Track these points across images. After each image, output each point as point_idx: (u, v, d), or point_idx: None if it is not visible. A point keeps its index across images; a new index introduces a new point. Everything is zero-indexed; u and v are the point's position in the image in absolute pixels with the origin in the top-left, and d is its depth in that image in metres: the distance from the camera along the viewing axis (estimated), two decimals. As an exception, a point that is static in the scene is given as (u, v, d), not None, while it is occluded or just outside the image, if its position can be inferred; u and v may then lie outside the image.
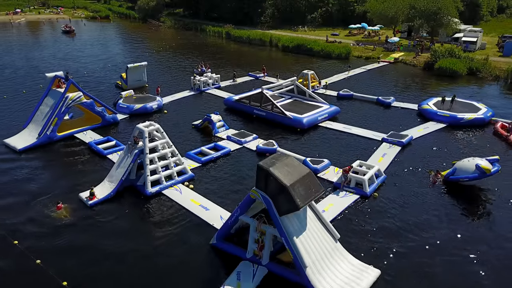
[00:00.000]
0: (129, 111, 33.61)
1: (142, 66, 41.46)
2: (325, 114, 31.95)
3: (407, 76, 46.89)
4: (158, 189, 21.83)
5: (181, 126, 31.47)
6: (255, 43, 67.82)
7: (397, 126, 31.05)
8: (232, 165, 25.09)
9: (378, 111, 34.91)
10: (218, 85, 42.06)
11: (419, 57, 53.08)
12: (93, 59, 56.18)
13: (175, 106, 36.22)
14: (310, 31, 75.18)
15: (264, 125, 31.46)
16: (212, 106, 36.19)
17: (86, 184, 22.35)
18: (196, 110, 34.94)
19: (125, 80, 40.98)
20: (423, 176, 23.47)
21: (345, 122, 31.83)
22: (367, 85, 42.74)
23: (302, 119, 30.45)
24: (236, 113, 34.37)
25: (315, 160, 24.49)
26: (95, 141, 27.89)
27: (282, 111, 31.26)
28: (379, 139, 28.30)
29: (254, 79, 45.58)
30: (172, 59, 57.42)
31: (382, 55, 54.70)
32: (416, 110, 34.42)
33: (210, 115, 29.84)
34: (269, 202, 15.39)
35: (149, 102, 34.57)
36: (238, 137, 28.18)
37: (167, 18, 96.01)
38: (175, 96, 38.82)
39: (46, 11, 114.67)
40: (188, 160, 25.35)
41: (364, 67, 49.95)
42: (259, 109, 32.81)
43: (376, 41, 64.90)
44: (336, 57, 55.66)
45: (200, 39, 74.65)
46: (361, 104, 36.69)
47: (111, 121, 31.58)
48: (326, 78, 44.48)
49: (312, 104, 33.81)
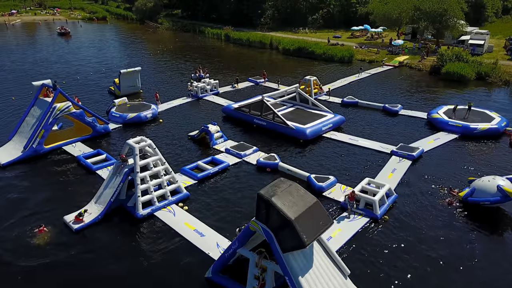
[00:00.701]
0: (122, 120, 31.81)
1: (136, 72, 39.66)
2: (329, 124, 30.15)
3: (413, 81, 45.09)
4: (150, 211, 20.06)
5: (177, 137, 29.68)
6: (255, 45, 66.01)
7: (406, 136, 29.26)
8: (231, 182, 23.30)
9: (385, 119, 33.10)
10: (216, 91, 40.26)
11: (424, 60, 51.25)
12: (87, 63, 54.37)
13: (171, 115, 34.41)
14: (311, 33, 73.36)
15: (265, 136, 29.68)
16: (210, 114, 34.43)
17: (72, 204, 20.66)
18: (193, 119, 33.17)
19: (118, 86, 39.20)
20: (437, 194, 21.66)
21: (350, 132, 30.06)
22: (372, 91, 40.95)
23: (305, 130, 28.65)
24: (235, 122, 32.59)
25: (320, 177, 22.68)
26: (84, 155, 26.11)
27: (283, 121, 29.47)
28: (388, 152, 26.51)
29: (254, 84, 43.77)
30: (169, 62, 55.63)
31: (386, 58, 52.88)
32: (425, 118, 32.63)
33: (208, 126, 28.04)
34: (271, 237, 13.61)
35: (143, 110, 32.78)
36: (237, 150, 26.38)
37: (164, 19, 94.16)
38: (172, 103, 37.01)
39: (43, 12, 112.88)
40: (183, 176, 23.58)
41: (368, 71, 48.12)
42: (260, 119, 31.02)
43: (380, 43, 63.07)
44: (338, 60, 53.83)
45: (198, 42, 72.85)
46: (366, 112, 34.88)
47: (102, 131, 29.81)
48: (329, 84, 42.68)
49: (316, 113, 32.00)
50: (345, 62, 53.48)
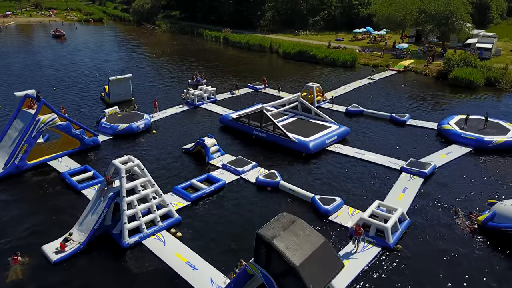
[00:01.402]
0: (113, 131, 29.88)
1: (126, 79, 37.62)
2: (334, 136, 28.23)
3: (419, 87, 43.15)
4: (138, 239, 18.14)
5: (171, 150, 27.75)
6: (254, 49, 64.03)
7: (416, 150, 27.37)
8: (228, 204, 21.36)
9: (393, 130, 31.18)
10: (214, 98, 38.32)
11: (430, 65, 49.36)
12: (80, 67, 52.41)
13: (165, 125, 32.47)
14: (312, 35, 71.44)
15: (265, 149, 27.77)
16: (207, 124, 32.52)
17: (54, 230, 18.76)
18: (189, 130, 31.25)
19: (107, 93, 37.29)
20: (453, 218, 19.73)
21: (356, 145, 28.14)
22: (377, 98, 39.03)
23: (307, 143, 26.73)
24: (233, 133, 30.68)
25: (326, 198, 20.76)
26: (70, 171, 24.19)
27: (285, 133, 27.54)
28: (397, 168, 24.60)
29: (254, 91, 41.84)
30: (166, 67, 53.69)
31: (390, 62, 50.96)
32: (435, 129, 30.72)
33: (203, 139, 26.11)
34: (271, 284, 11.71)
35: (135, 121, 30.84)
36: (234, 166, 24.45)
37: (162, 21, 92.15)
38: (167, 111, 35.04)
39: (38, 14, 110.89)
40: (176, 196, 21.66)
41: (372, 77, 46.21)
42: (259, 130, 29.11)
43: (383, 46, 61.14)
44: (341, 64, 51.88)
45: (196, 44, 70.90)
46: (372, 121, 32.95)
47: (91, 144, 27.88)
48: (332, 91, 40.78)
49: (319, 124, 30.09)
50: (348, 66, 51.55)
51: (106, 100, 37.66)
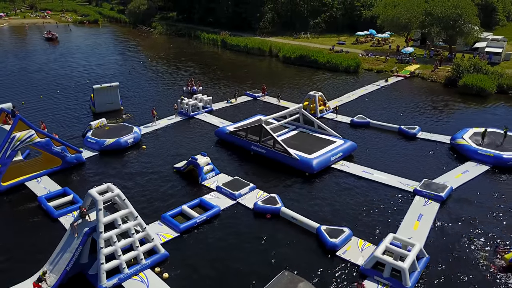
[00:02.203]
0: (99, 147, 27.50)
1: (113, 87, 35.17)
2: (339, 153, 25.87)
3: (427, 94, 40.80)
4: (117, 281, 15.79)
5: (161, 168, 25.38)
6: (253, 52, 61.61)
7: (428, 167, 25.04)
8: (222, 234, 19.00)
9: (402, 144, 28.84)
10: (210, 108, 35.95)
11: (438, 70, 47.04)
12: (70, 72, 50.03)
13: (156, 138, 30.08)
14: (313, 38, 69.06)
15: (264, 167, 25.43)
16: (202, 138, 30.16)
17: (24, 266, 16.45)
18: (182, 144, 28.89)
19: (93, 102, 34.99)
20: (478, 253, 17.41)
21: (363, 162, 25.80)
22: (383, 107, 36.70)
23: (311, 161, 24.37)
24: (230, 147, 28.34)
25: (332, 229, 18.39)
26: (48, 195, 21.85)
27: (286, 149, 25.19)
28: (410, 190, 22.28)
29: (253, 99, 39.46)
30: (160, 72, 51.30)
31: (395, 68, 48.63)
32: (447, 143, 28.39)
33: (196, 158, 23.74)
34: None
35: (124, 134, 28.47)
36: (230, 189, 22.08)
37: (158, 23, 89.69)
38: (159, 123, 32.60)
39: (33, 15, 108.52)
40: (163, 226, 19.31)
41: (377, 83, 43.88)
42: (258, 145, 26.77)
43: (387, 50, 58.80)
44: (344, 70, 49.51)
45: (193, 48, 68.48)
46: (380, 134, 30.61)
47: (74, 162, 25.51)
48: (335, 99, 38.43)
49: (323, 138, 27.73)
50: (351, 72, 49.16)
51: (92, 109, 35.36)
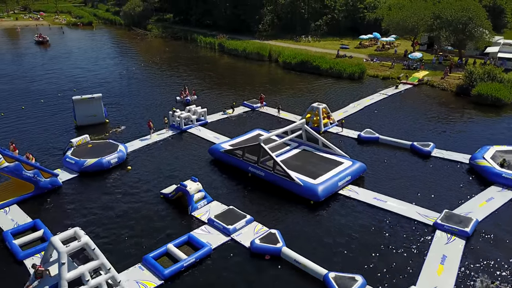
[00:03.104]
0: (79, 168, 24.70)
1: (95, 99, 32.25)
2: (347, 177, 23.05)
3: (438, 104, 37.96)
4: None
5: (146, 194, 22.57)
6: (252, 57, 58.71)
7: (447, 193, 22.28)
8: (213, 280, 16.21)
9: (416, 165, 26.02)
10: (204, 121, 33.12)
11: (448, 77, 44.25)
12: (58, 79, 47.19)
13: (143, 157, 27.23)
14: (315, 41, 66.25)
15: (263, 192, 22.66)
16: (194, 156, 27.34)
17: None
18: (171, 164, 26.06)
19: (75, 114, 32.26)
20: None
21: (374, 186, 23.02)
22: (391, 119, 33.90)
23: (316, 187, 21.56)
24: (225, 168, 25.56)
25: (343, 277, 15.61)
26: (15, 229, 19.05)
27: (287, 173, 22.39)
28: (430, 223, 19.49)
29: (251, 110, 36.63)
30: (153, 79, 48.41)
31: (402, 74, 45.84)
32: (466, 163, 25.60)
33: (185, 185, 20.92)
34: None
35: (107, 153, 25.66)
36: (224, 223, 19.25)
37: (154, 25, 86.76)
38: (148, 138, 29.76)
39: (25, 17, 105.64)
40: (145, 271, 16.49)
41: (384, 92, 41.04)
42: (256, 167, 23.97)
43: (393, 55, 56.02)
44: (347, 77, 46.68)
45: (190, 52, 65.61)
46: (390, 152, 27.80)
47: (48, 187, 22.71)
48: (339, 110, 35.60)
49: (328, 158, 24.92)
50: (355, 79, 46.34)
51: (74, 122, 32.58)
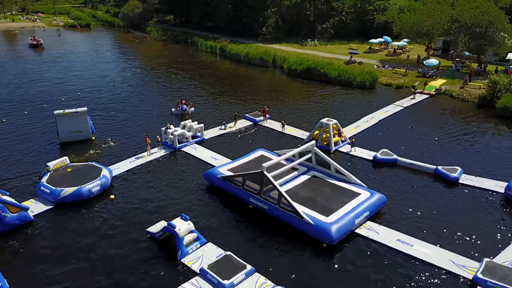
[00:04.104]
0: (54, 199, 21.44)
1: (80, 114, 29.05)
2: (365, 212, 19.66)
3: (460, 118, 34.39)
4: None
5: (129, 232, 19.26)
6: (255, 62, 55.28)
7: (484, 233, 18.83)
8: None
9: (442, 194, 22.53)
10: (201, 137, 29.81)
11: (467, 86, 40.72)
12: (46, 87, 44.01)
13: (130, 183, 23.90)
14: (321, 45, 62.79)
15: (267, 230, 19.33)
16: (187, 182, 24.00)
17: None
18: (162, 192, 22.76)
19: (57, 130, 29.10)
20: None
21: (396, 223, 19.63)
22: (409, 136, 30.46)
23: (329, 228, 18.17)
24: (222, 196, 22.25)
25: None
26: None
27: (295, 209, 19.04)
28: (469, 277, 16.07)
29: (253, 124, 33.29)
30: (150, 87, 45.17)
31: (418, 82, 42.36)
32: (501, 193, 22.14)
33: (174, 225, 17.61)
34: None
35: (89, 180, 22.38)
36: (219, 275, 15.88)
37: (153, 27, 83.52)
38: (136, 159, 26.44)
39: (23, 18, 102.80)
40: None
41: (399, 103, 37.56)
42: (259, 199, 20.64)
43: (405, 61, 52.49)
44: (358, 85, 43.22)
45: (190, 56, 62.31)
46: (411, 177, 24.34)
47: (16, 224, 19.47)
48: (350, 125, 32.16)
49: (342, 188, 21.53)
50: (366, 88, 42.86)
51: (57, 139, 29.39)
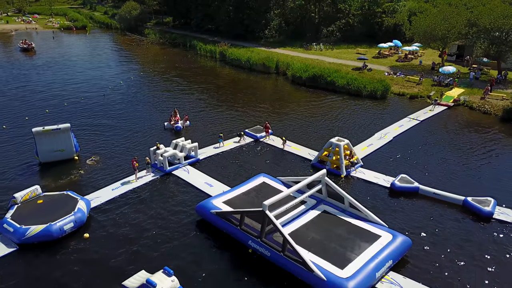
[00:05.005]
0: (18, 239, 18.16)
1: (62, 131, 25.75)
2: (388, 261, 16.27)
3: (484, 135, 30.88)
4: None
5: (103, 284, 15.97)
6: (257, 69, 51.88)
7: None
8: None
9: (473, 232, 19.11)
10: (195, 158, 26.49)
11: (488, 96, 37.27)
12: (31, 95, 40.73)
13: (110, 218, 20.52)
14: (327, 49, 59.37)
15: (270, 282, 15.97)
16: (177, 214, 20.66)
17: None
18: (146, 230, 19.40)
19: (36, 149, 25.87)
20: None
21: (424, 275, 16.26)
22: (429, 157, 27.00)
23: (344, 284, 14.81)
24: (216, 235, 18.93)
25: None
26: None
27: (303, 259, 15.69)
28: None
29: (254, 140, 29.95)
30: (143, 95, 41.81)
31: (434, 92, 38.92)
32: (545, 233, 18.77)
33: (155, 283, 14.30)
34: None
35: (61, 215, 19.08)
36: None
37: (151, 30, 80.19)
38: (120, 186, 23.16)
39: (18, 20, 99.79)
40: None
41: (415, 116, 34.13)
42: (259, 243, 17.31)
43: (417, 66, 49.04)
44: (368, 95, 39.79)
45: (188, 61, 58.89)
46: (436, 210, 20.93)
47: (-32, 274, 16.23)
48: (361, 143, 28.73)
49: (359, 229, 18.15)
50: (377, 98, 39.41)
51: (37, 159, 26.15)
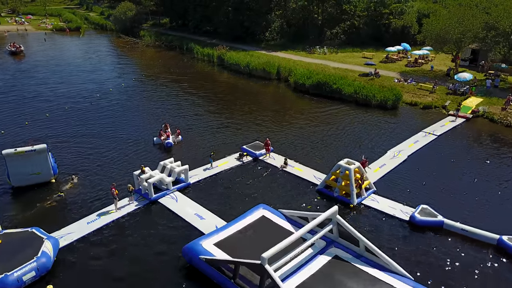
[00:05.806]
0: (-37, 294, 15.05)
1: (38, 152, 22.47)
2: (416, 330, 13.12)
3: (505, 151, 27.74)
4: None
5: None
6: (257, 74, 48.71)
7: None
8: None
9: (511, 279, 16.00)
10: (185, 182, 23.28)
11: (509, 107, 34.02)
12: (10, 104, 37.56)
13: (81, 262, 17.31)
14: (331, 53, 56.17)
15: None
16: (160, 257, 17.46)
17: None
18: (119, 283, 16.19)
19: (8, 173, 22.71)
20: None
21: None
22: (453, 182, 23.74)
23: None
24: (207, 284, 15.75)
25: None
26: None
27: (310, 330, 12.52)
28: None
29: (252, 158, 26.77)
30: (131, 107, 38.51)
31: (449, 102, 35.69)
32: None
33: None
34: None
35: (20, 263, 15.91)
36: None
37: (147, 32, 77.01)
38: (97, 218, 19.96)
39: (9, 21, 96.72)
40: None
41: (430, 130, 30.91)
42: (256, 303, 14.16)
43: (429, 72, 45.80)
44: (377, 105, 36.57)
45: (184, 65, 55.69)
46: (465, 250, 17.71)
47: None
48: (373, 163, 25.47)
49: (378, 281, 14.91)
50: (388, 108, 36.16)
51: (8, 183, 23.02)
